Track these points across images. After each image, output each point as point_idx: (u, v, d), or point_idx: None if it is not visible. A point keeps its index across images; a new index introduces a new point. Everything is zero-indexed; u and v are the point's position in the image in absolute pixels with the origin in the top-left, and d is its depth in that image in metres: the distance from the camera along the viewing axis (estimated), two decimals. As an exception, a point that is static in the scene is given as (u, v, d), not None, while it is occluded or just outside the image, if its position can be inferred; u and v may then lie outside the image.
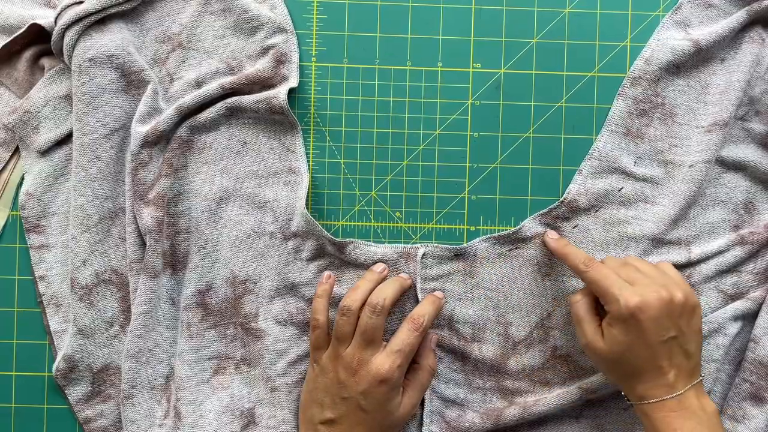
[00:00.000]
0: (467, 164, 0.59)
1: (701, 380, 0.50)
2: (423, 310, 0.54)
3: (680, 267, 0.57)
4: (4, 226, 0.59)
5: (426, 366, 0.54)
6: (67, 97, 0.57)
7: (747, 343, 0.56)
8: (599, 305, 0.52)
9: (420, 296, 0.56)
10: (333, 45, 0.59)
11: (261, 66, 0.56)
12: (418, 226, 0.59)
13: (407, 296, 0.57)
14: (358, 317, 0.53)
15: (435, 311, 0.54)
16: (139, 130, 0.55)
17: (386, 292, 0.53)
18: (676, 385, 0.49)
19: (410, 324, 0.53)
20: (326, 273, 0.56)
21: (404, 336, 0.52)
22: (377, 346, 0.52)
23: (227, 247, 0.57)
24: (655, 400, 0.49)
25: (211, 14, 0.58)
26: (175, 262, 0.56)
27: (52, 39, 0.55)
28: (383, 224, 0.59)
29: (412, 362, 0.54)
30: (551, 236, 0.56)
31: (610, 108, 0.58)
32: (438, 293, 0.56)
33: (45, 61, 0.57)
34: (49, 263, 0.58)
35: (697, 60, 0.57)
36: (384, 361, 0.51)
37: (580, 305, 0.52)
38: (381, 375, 0.51)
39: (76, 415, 0.57)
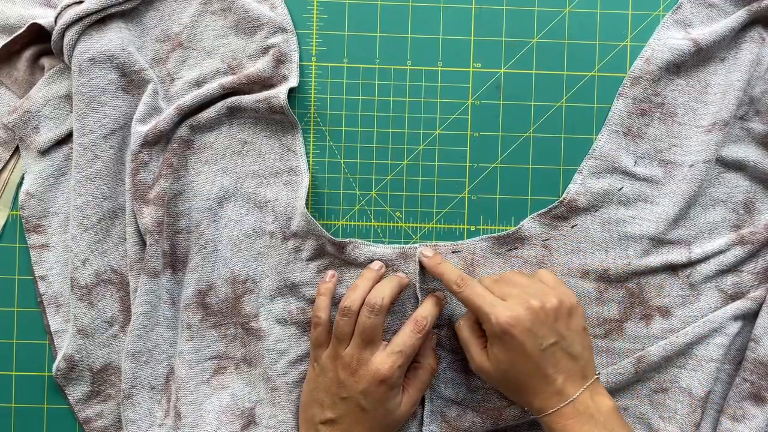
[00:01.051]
0: (467, 164, 0.59)
1: (597, 378, 0.50)
2: (426, 312, 0.53)
3: (680, 267, 0.57)
4: (4, 226, 0.59)
5: (427, 365, 0.54)
6: (67, 97, 0.57)
7: (747, 343, 0.56)
8: (483, 329, 0.52)
9: (420, 296, 0.56)
10: (333, 45, 0.59)
11: (261, 66, 0.56)
12: (418, 225, 0.59)
13: (406, 296, 0.57)
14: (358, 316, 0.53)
15: (438, 312, 0.54)
16: (140, 129, 0.55)
17: (384, 291, 0.53)
18: (566, 390, 0.49)
19: (413, 325, 0.53)
20: (330, 272, 0.56)
21: (406, 337, 0.52)
22: (377, 345, 0.52)
23: (227, 246, 0.57)
24: (551, 410, 0.49)
25: (211, 14, 0.58)
26: (175, 262, 0.56)
27: (52, 39, 0.55)
28: (383, 224, 0.59)
29: (413, 361, 0.54)
30: (425, 254, 0.56)
31: (610, 108, 0.58)
32: (439, 293, 0.56)
33: (45, 61, 0.57)
34: (49, 263, 0.58)
35: (697, 59, 0.57)
36: (384, 360, 0.51)
37: (464, 329, 0.52)
38: (381, 375, 0.51)
39: (76, 414, 0.57)
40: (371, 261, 0.57)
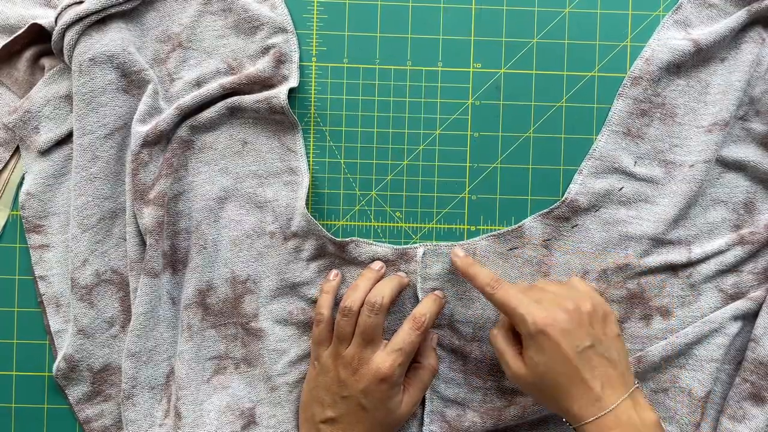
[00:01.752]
0: (467, 164, 0.59)
1: (638, 388, 0.49)
2: (424, 309, 0.53)
3: (680, 267, 0.57)
4: (5, 226, 0.59)
5: (427, 365, 0.54)
6: (68, 97, 0.57)
7: (747, 343, 0.56)
8: (517, 336, 0.51)
9: (420, 296, 0.56)
10: (333, 45, 0.59)
11: (261, 66, 0.56)
12: (419, 226, 0.59)
13: (407, 296, 0.57)
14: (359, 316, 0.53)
15: (437, 310, 0.54)
16: (140, 129, 0.55)
17: (384, 291, 0.53)
18: (606, 398, 0.47)
19: (411, 323, 0.53)
20: (333, 271, 0.56)
21: (405, 335, 0.52)
22: (377, 344, 0.52)
23: (227, 246, 0.57)
24: (590, 419, 0.47)
25: (211, 14, 0.58)
26: (176, 262, 0.56)
27: (53, 39, 0.55)
28: (383, 224, 0.59)
29: (413, 361, 0.54)
30: (458, 254, 0.55)
31: (610, 108, 0.58)
32: (438, 292, 0.56)
33: (45, 61, 0.57)
34: (49, 263, 0.58)
35: (697, 60, 0.57)
36: (385, 359, 0.51)
37: (498, 337, 0.51)
38: (381, 373, 0.51)
39: (76, 415, 0.57)
40: (372, 260, 0.57)
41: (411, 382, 0.54)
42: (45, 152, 0.57)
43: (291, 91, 0.57)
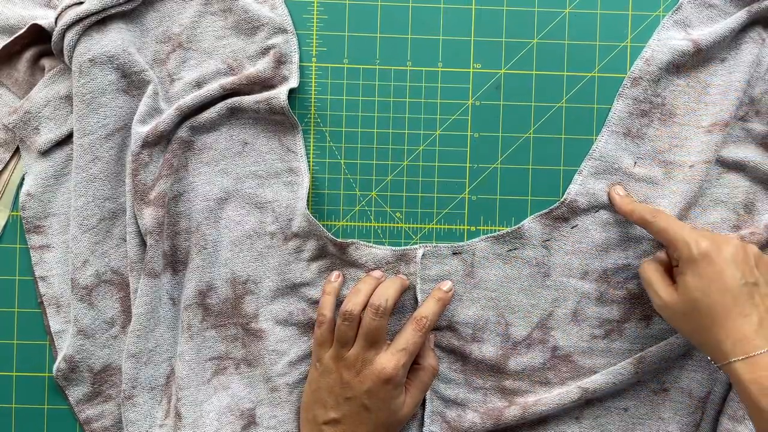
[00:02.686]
0: (467, 164, 0.59)
1: None
2: (427, 311, 0.54)
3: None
4: (5, 227, 0.59)
5: (428, 366, 0.54)
6: (68, 98, 0.57)
7: (747, 343, 0.56)
8: (668, 271, 0.51)
9: (420, 297, 0.56)
10: (333, 45, 0.59)
11: (261, 66, 0.56)
12: (419, 226, 0.59)
13: (407, 297, 0.57)
14: (360, 320, 0.53)
15: (439, 311, 0.54)
16: (140, 130, 0.55)
17: (388, 293, 0.53)
18: (761, 338, 0.44)
19: (414, 324, 0.53)
20: (335, 272, 0.56)
21: (409, 335, 0.52)
22: (381, 346, 0.52)
23: (228, 247, 0.57)
24: (743, 357, 0.44)
25: (211, 15, 0.58)
26: (176, 263, 0.56)
27: (53, 39, 0.55)
28: (383, 225, 0.59)
29: (413, 363, 0.54)
30: (619, 192, 0.55)
31: (610, 108, 0.58)
32: (444, 285, 0.56)
33: (45, 62, 0.57)
34: (49, 264, 0.58)
35: (697, 60, 0.57)
36: (389, 359, 0.52)
37: (649, 268, 0.51)
38: (386, 374, 0.51)
39: (76, 415, 0.57)
40: (373, 262, 0.57)
41: (412, 383, 0.54)
42: (45, 153, 0.57)
43: (291, 91, 0.57)
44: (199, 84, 0.57)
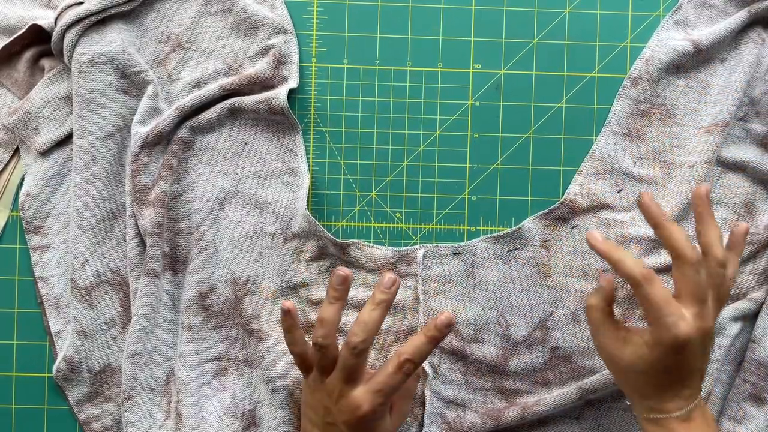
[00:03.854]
0: (467, 165, 0.59)
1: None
2: (412, 350, 0.47)
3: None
4: (5, 227, 0.58)
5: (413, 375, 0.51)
6: (67, 98, 0.57)
7: (747, 344, 0.56)
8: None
9: (421, 297, 0.56)
10: (333, 45, 0.58)
11: (261, 67, 0.56)
12: (419, 226, 0.59)
13: (407, 298, 0.57)
14: (336, 344, 0.49)
15: (428, 350, 0.48)
16: (139, 131, 0.55)
17: (367, 327, 0.47)
18: (689, 400, 0.46)
19: (396, 363, 0.47)
20: (288, 303, 0.49)
21: (387, 378, 0.47)
22: (358, 381, 0.48)
23: (228, 248, 0.57)
24: (662, 416, 0.46)
25: (211, 15, 0.58)
26: (176, 263, 0.56)
27: (53, 40, 0.55)
28: (383, 225, 0.59)
29: None
30: (597, 237, 0.47)
31: (610, 108, 0.58)
32: (442, 320, 0.48)
33: (45, 62, 0.57)
34: (49, 264, 0.58)
35: (697, 60, 0.57)
36: (365, 399, 0.48)
37: (596, 312, 0.48)
38: (361, 412, 0.48)
39: (76, 416, 0.57)
40: (373, 262, 0.56)
41: (397, 397, 0.52)
42: (45, 153, 0.57)
43: (291, 91, 0.57)
44: (198, 84, 0.57)
